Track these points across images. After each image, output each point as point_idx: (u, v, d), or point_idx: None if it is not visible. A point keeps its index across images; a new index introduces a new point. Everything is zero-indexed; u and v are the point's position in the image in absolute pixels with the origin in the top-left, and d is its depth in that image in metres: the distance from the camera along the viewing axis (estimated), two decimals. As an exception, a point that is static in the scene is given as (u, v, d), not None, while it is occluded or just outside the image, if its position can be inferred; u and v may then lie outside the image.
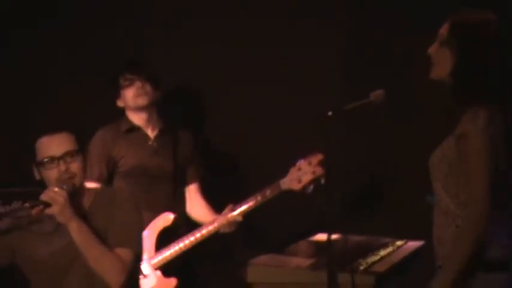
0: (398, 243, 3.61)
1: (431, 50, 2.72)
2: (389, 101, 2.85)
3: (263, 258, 3.34)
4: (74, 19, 4.47)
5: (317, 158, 3.48)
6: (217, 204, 3.84)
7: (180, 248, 3.67)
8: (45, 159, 2.85)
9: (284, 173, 3.56)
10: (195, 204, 3.93)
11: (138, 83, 3.76)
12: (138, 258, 3.00)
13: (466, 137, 2.53)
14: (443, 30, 2.70)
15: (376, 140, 3.88)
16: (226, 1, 4.22)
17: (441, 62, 2.69)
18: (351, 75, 3.91)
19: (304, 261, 3.28)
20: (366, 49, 3.88)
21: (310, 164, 3.49)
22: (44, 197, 2.78)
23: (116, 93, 3.83)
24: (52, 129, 2.89)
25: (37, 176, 2.92)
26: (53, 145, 2.86)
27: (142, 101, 3.78)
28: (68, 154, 2.85)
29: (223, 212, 3.66)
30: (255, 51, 4.13)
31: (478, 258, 2.49)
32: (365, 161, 3.84)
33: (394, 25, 3.77)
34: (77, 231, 2.79)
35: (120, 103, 3.86)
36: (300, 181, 3.50)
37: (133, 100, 3.79)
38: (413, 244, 3.61)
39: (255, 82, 4.14)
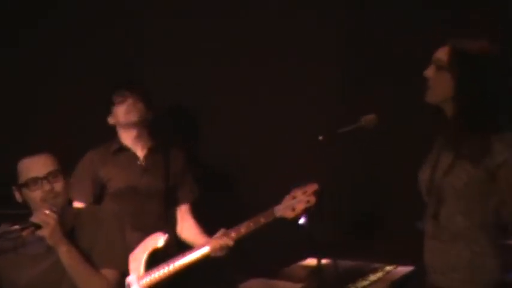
0: (388, 268, 3.59)
1: (429, 73, 2.70)
2: (388, 103, 2.85)
3: (253, 282, 3.37)
4: (74, 19, 4.47)
5: (312, 187, 3.50)
6: (209, 223, 3.82)
7: (169, 271, 3.65)
8: (29, 180, 2.85)
9: (276, 189, 3.57)
10: (186, 225, 3.90)
11: (130, 100, 3.77)
12: (123, 275, 3.00)
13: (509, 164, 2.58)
14: (442, 55, 2.68)
15: (367, 164, 3.86)
16: (226, 1, 4.21)
17: (439, 87, 2.68)
18: (350, 76, 3.91)
19: (294, 286, 3.30)
20: (366, 49, 3.87)
21: (305, 193, 3.51)
22: (35, 218, 2.80)
23: (108, 110, 3.83)
24: (32, 152, 2.90)
25: (18, 199, 2.93)
26: (36, 166, 2.87)
27: (133, 117, 3.77)
28: (51, 174, 2.87)
29: (215, 236, 3.64)
30: (254, 52, 4.12)
31: None
32: (356, 187, 3.83)
33: (394, 25, 3.76)
34: (66, 253, 2.81)
35: (111, 120, 3.85)
36: (293, 209, 3.51)
37: (125, 116, 3.78)
38: (403, 269, 3.58)
39: (254, 83, 4.13)
